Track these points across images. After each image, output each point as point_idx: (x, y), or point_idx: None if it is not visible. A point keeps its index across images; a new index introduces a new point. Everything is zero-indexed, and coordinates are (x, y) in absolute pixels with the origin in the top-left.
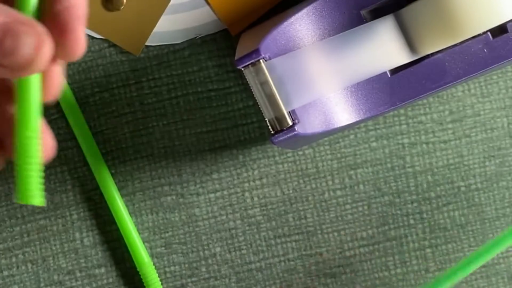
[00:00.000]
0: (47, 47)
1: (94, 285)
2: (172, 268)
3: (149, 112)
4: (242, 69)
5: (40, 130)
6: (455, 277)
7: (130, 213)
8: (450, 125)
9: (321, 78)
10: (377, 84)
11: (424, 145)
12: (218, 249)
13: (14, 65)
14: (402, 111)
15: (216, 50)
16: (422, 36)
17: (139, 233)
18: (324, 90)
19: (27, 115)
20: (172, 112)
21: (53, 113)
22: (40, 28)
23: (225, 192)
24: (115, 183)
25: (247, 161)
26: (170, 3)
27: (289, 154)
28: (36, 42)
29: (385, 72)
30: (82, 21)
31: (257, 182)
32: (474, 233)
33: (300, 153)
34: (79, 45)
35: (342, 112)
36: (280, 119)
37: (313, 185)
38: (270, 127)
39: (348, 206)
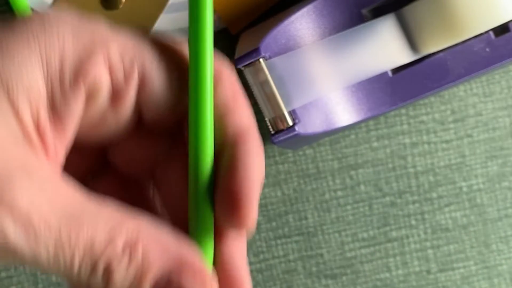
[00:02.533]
0: None
1: None
2: None
3: None
4: (242, 68)
5: None
6: None
7: None
8: (452, 125)
9: (322, 77)
10: (378, 84)
11: (426, 145)
12: None
13: None
14: (403, 110)
15: (216, 49)
16: (424, 35)
17: None
18: (325, 89)
19: None
20: None
21: None
22: (208, 280)
23: None
24: None
25: None
26: (169, 2)
27: (289, 154)
28: None
29: (386, 72)
30: (258, 193)
31: None
32: (476, 234)
33: (301, 153)
34: (251, 221)
35: (343, 112)
36: (280, 119)
37: (314, 186)
38: (270, 127)
39: (349, 207)
